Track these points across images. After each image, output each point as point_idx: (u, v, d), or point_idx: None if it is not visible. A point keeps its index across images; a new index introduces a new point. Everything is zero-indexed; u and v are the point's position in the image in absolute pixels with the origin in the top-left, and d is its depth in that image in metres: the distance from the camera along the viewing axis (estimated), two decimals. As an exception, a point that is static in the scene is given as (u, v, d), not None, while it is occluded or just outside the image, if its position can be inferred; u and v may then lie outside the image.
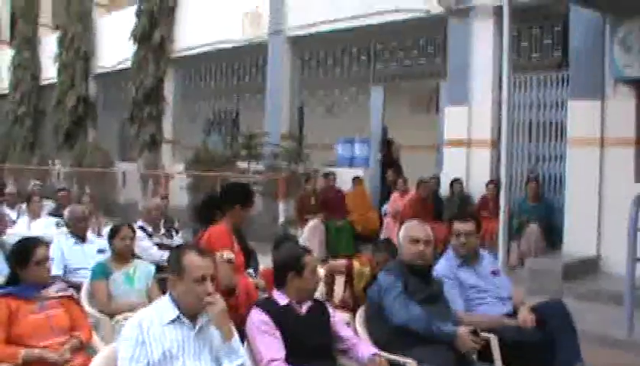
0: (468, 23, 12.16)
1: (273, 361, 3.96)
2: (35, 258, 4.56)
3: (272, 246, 6.40)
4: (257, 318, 4.14)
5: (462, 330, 4.52)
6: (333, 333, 4.38)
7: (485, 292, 5.31)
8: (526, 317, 5.06)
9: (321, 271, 6.15)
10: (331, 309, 4.54)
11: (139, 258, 6.29)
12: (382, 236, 12.41)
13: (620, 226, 8.02)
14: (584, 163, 10.51)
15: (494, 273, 5.51)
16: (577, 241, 10.52)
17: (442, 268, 5.36)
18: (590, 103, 10.43)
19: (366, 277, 5.94)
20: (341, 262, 6.41)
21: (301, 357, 4.03)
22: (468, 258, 5.43)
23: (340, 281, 6.42)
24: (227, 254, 5.21)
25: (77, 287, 5.68)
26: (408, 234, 4.96)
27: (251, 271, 7.50)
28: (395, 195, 13.03)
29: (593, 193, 10.40)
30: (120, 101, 20.76)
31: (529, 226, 10.71)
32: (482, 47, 11.96)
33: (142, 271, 5.99)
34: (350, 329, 4.62)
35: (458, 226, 5.46)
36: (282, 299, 4.29)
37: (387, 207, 13.01)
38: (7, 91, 26.47)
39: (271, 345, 4.03)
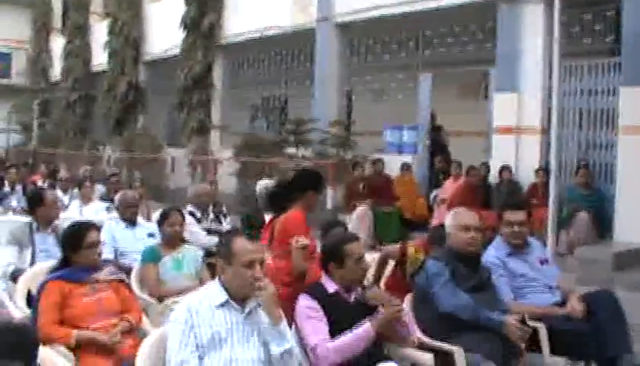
0: (518, 8, 12.03)
1: (319, 344, 3.96)
2: (87, 241, 4.62)
3: (320, 233, 6.41)
4: (305, 303, 4.13)
5: (510, 319, 4.49)
6: None
7: (534, 281, 5.26)
8: (575, 306, 5.00)
9: (373, 257, 6.14)
10: None
11: (188, 243, 6.31)
12: (432, 223, 12.39)
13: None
14: (635, 151, 10.32)
15: (543, 261, 5.45)
16: (627, 230, 10.36)
17: (491, 256, 5.32)
18: (642, 90, 10.27)
19: (419, 263, 5.91)
20: (396, 247, 6.38)
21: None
22: (518, 247, 5.39)
23: (389, 267, 6.40)
24: (302, 240, 5.28)
25: (127, 271, 5.73)
26: (458, 222, 4.93)
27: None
28: (448, 181, 12.98)
29: (644, 181, 10.26)
30: (169, 88, 20.87)
31: (578, 214, 10.56)
32: (532, 33, 11.83)
33: (191, 256, 6.01)
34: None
35: (510, 215, 5.41)
36: (330, 286, 4.26)
37: (437, 193, 12.97)
38: (59, 79, 26.88)
39: (319, 329, 4.03)
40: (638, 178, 10.27)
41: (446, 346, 4.38)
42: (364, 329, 3.99)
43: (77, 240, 4.64)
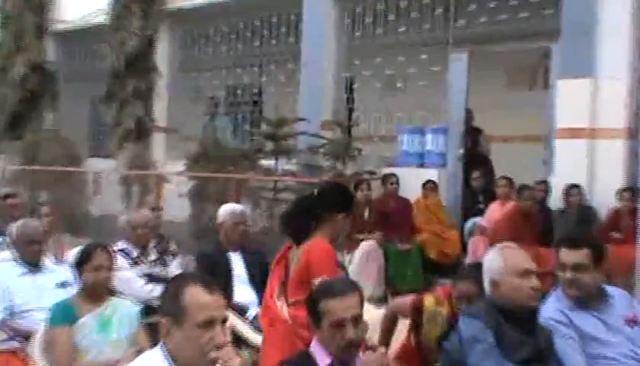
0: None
1: None
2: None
3: None
4: None
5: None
6: None
7: (611, 347, 5.21)
8: None
9: (379, 313, 6.11)
10: None
11: (119, 294, 6.28)
12: (466, 262, 12.36)
13: None
14: None
15: (632, 322, 5.39)
16: None
17: (551, 310, 5.32)
18: None
19: (442, 321, 5.87)
20: (408, 300, 6.34)
21: None
22: (583, 301, 5.35)
23: (404, 326, 6.34)
24: None
25: (26, 336, 5.66)
26: (512, 263, 4.90)
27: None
28: (494, 205, 12.95)
29: None
30: (92, 72, 20.90)
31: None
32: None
33: (123, 313, 5.96)
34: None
35: (564, 254, 5.41)
36: (322, 357, 4.28)
37: (473, 225, 12.91)
38: None
39: None
40: None
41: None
42: None
43: None
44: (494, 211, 12.72)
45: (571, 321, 5.23)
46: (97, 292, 5.98)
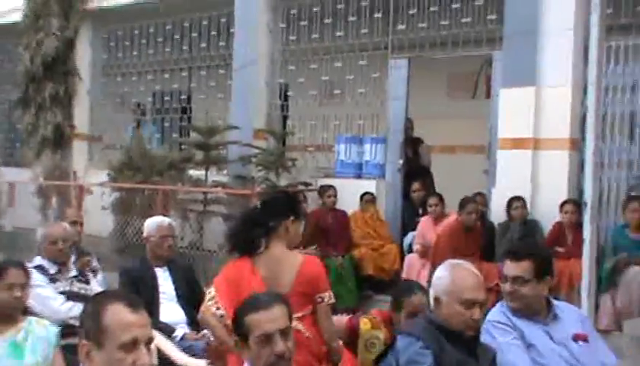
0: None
1: None
2: None
3: None
4: None
5: None
6: None
7: (554, 361, 5.27)
8: None
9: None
10: None
11: (34, 314, 6.16)
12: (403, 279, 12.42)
13: None
14: None
15: (579, 337, 5.44)
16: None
17: (495, 314, 5.46)
18: None
19: (379, 346, 5.91)
20: (344, 321, 6.37)
21: None
22: (529, 312, 5.45)
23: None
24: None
25: None
26: (460, 292, 4.93)
27: (206, 331, 7.52)
28: (425, 221, 13.02)
29: None
30: (6, 75, 20.71)
31: (630, 269, 10.59)
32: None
33: (38, 336, 5.85)
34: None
35: (506, 267, 5.53)
36: None
37: (413, 238, 12.97)
38: None
39: None
40: None
41: None
42: None
43: None
44: (426, 228, 12.83)
45: (515, 326, 5.33)
46: (9, 313, 5.88)
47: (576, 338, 5.41)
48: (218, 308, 5.77)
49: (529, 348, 5.28)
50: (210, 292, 6.01)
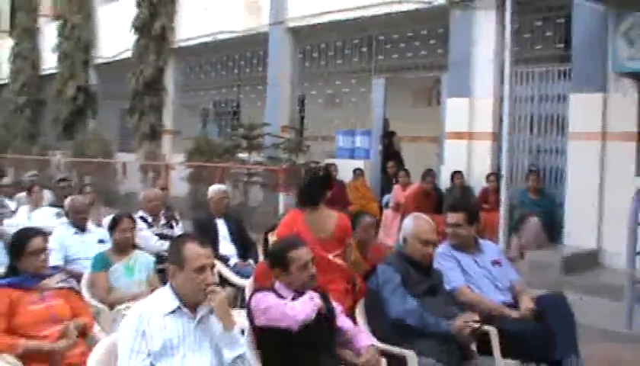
0: (471, 14, 12.11)
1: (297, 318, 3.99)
2: (30, 248, 4.53)
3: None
4: (263, 298, 4.11)
5: (459, 325, 4.53)
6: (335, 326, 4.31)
7: (481, 279, 5.31)
8: (527, 306, 5.07)
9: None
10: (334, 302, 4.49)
11: (139, 248, 6.26)
12: (381, 227, 12.45)
13: (620, 220, 8.07)
14: (585, 157, 10.51)
15: (495, 263, 5.49)
16: (577, 234, 10.54)
17: (441, 249, 5.41)
18: (592, 96, 10.43)
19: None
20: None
21: (304, 351, 3.99)
22: (464, 247, 5.46)
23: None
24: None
25: (77, 277, 5.65)
26: (420, 235, 4.96)
27: (251, 261, 7.56)
28: (397, 188, 13.00)
29: (593, 186, 10.42)
30: (121, 92, 20.73)
31: (529, 219, 10.67)
32: (484, 39, 11.94)
33: (142, 262, 5.98)
34: (349, 321, 4.58)
35: (448, 216, 5.54)
36: (285, 292, 4.19)
37: (390, 198, 13.03)
38: (7, 81, 26.46)
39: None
40: (587, 184, 10.45)
41: (398, 350, 4.39)
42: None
43: (21, 247, 4.55)
44: (398, 192, 12.78)
45: (453, 256, 5.34)
46: (124, 247, 5.99)
47: (494, 263, 5.45)
48: None
49: (463, 272, 5.29)
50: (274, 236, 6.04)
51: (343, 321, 4.38)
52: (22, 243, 4.55)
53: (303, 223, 5.57)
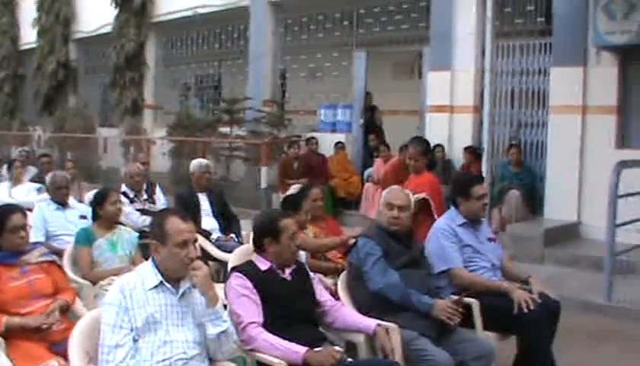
0: (452, -12, 12.09)
1: (251, 323, 3.91)
2: (9, 225, 4.46)
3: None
4: (236, 282, 4.08)
5: (441, 303, 4.54)
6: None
7: (480, 254, 5.29)
8: (539, 290, 5.02)
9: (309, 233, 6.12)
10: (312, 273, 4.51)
11: (121, 224, 6.22)
12: (362, 201, 12.48)
13: (601, 193, 8.12)
14: (565, 130, 10.57)
15: (490, 239, 5.51)
16: (558, 207, 10.62)
17: (442, 223, 5.40)
18: (572, 70, 10.48)
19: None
20: None
21: (285, 323, 3.99)
22: (474, 221, 5.42)
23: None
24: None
25: (59, 253, 5.62)
26: (385, 199, 4.98)
27: (233, 235, 7.55)
28: (378, 161, 13.03)
29: (574, 159, 10.51)
30: (102, 67, 20.62)
31: (510, 191, 10.74)
32: (465, 13, 11.90)
33: (125, 237, 5.93)
34: (327, 293, 4.59)
35: (479, 189, 5.44)
36: (263, 264, 4.20)
37: (371, 172, 13.05)
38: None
39: (250, 308, 3.97)
40: (568, 157, 10.53)
41: (381, 323, 4.40)
42: (296, 353, 3.82)
43: (0, 224, 4.49)
44: (379, 166, 12.79)
45: (455, 233, 5.27)
46: (113, 220, 5.95)
47: (490, 240, 5.46)
48: None
49: (463, 247, 5.25)
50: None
51: (320, 292, 4.40)
52: (1, 220, 4.48)
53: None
